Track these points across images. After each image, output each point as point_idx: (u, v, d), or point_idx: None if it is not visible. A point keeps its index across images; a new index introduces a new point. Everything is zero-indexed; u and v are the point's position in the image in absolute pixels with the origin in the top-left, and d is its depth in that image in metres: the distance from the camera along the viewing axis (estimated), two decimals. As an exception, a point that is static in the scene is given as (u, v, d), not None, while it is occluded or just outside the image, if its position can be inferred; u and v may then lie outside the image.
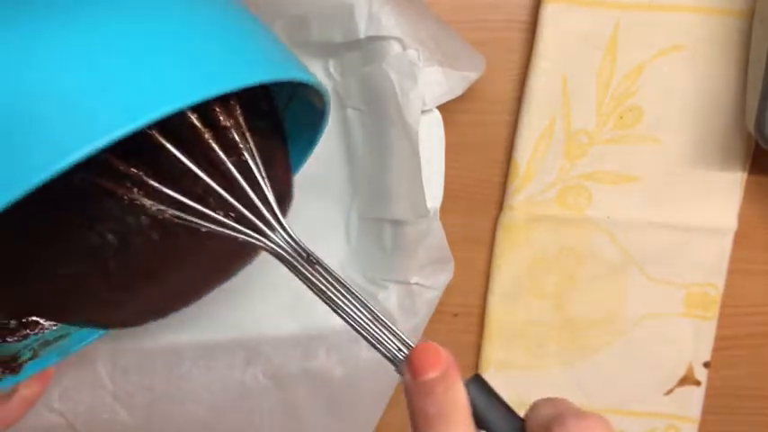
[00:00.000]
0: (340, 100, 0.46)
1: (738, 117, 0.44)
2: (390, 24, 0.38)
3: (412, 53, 0.38)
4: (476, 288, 0.49)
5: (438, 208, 0.42)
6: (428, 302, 0.43)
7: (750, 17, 0.43)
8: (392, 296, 0.43)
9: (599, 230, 0.47)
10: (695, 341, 0.49)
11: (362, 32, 0.39)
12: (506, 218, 0.47)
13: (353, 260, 0.47)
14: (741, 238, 0.47)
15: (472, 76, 0.41)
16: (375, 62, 0.40)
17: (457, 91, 0.40)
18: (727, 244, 0.47)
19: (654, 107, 0.45)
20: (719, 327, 0.49)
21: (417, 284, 0.42)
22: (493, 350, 0.49)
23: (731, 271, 0.48)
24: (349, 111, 0.45)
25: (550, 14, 0.43)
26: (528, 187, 0.46)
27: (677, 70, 0.44)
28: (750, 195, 0.47)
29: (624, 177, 0.46)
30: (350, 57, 0.43)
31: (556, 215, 0.47)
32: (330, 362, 0.43)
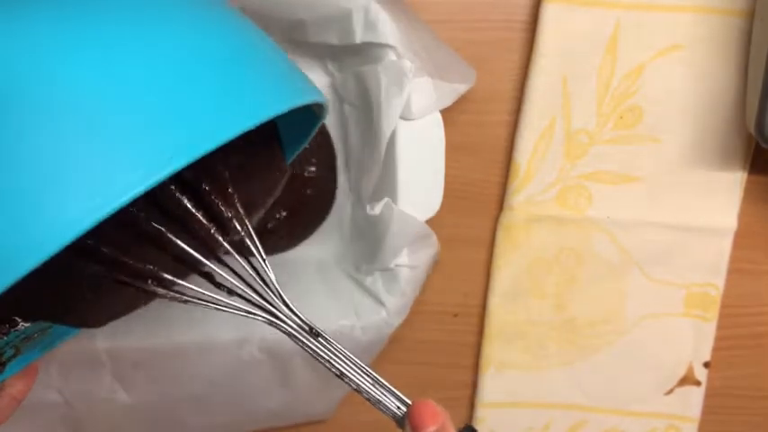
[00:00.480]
0: (338, 96, 0.46)
1: (738, 117, 0.44)
2: (386, 32, 0.39)
3: (406, 63, 0.39)
4: (476, 288, 0.49)
5: (438, 207, 0.42)
6: (412, 281, 0.43)
7: (750, 17, 0.43)
8: (378, 281, 0.44)
9: (599, 230, 0.47)
10: (695, 341, 0.49)
11: (359, 38, 0.40)
12: (506, 218, 0.47)
13: (347, 254, 0.48)
14: (741, 238, 0.47)
15: (462, 88, 0.41)
16: (370, 64, 0.41)
17: (445, 102, 0.41)
18: (727, 244, 0.47)
19: (654, 107, 0.45)
20: (720, 327, 0.49)
21: (397, 266, 0.43)
22: (493, 350, 0.49)
23: (731, 271, 0.48)
24: (346, 106, 0.45)
25: (550, 14, 0.43)
26: (528, 187, 0.46)
27: (677, 70, 0.44)
28: (750, 195, 0.47)
29: (624, 177, 0.46)
30: (347, 57, 0.43)
31: (556, 215, 0.47)
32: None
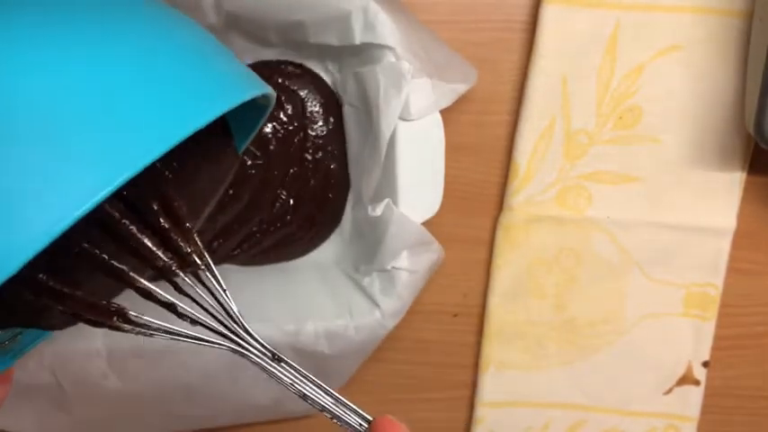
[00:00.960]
0: (338, 96, 0.46)
1: (738, 117, 0.44)
2: (385, 33, 0.39)
3: (404, 64, 0.39)
4: (476, 288, 0.49)
5: (438, 207, 0.42)
6: (410, 284, 0.43)
7: (749, 17, 0.43)
8: (375, 282, 0.43)
9: (599, 230, 0.47)
10: (694, 341, 0.49)
11: (358, 39, 0.40)
12: (506, 218, 0.47)
13: (347, 254, 0.48)
14: (740, 238, 0.47)
15: (461, 89, 0.41)
16: (370, 64, 0.41)
17: (444, 103, 0.41)
18: (726, 244, 0.47)
19: (653, 107, 0.45)
20: (719, 326, 0.49)
21: (395, 268, 0.43)
22: (493, 350, 0.49)
23: (730, 271, 0.48)
24: (346, 107, 0.45)
25: (550, 15, 0.43)
26: (528, 187, 0.46)
27: (677, 70, 0.44)
28: (749, 195, 0.47)
29: (624, 177, 0.46)
30: (347, 58, 0.43)
31: (556, 215, 0.47)
32: (319, 340, 0.44)
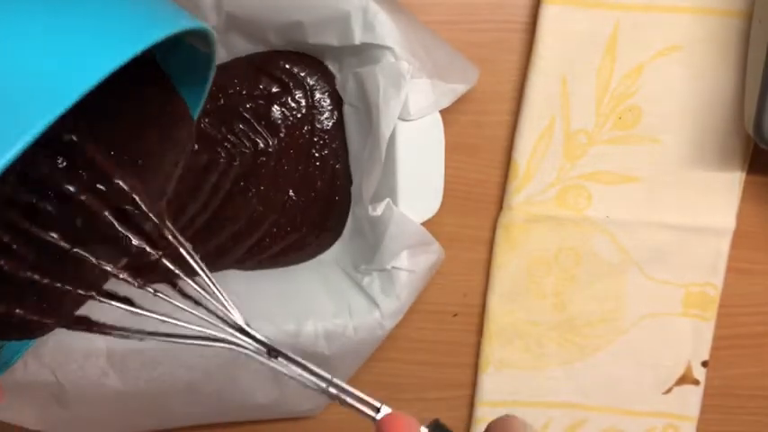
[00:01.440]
0: (338, 96, 0.46)
1: (737, 117, 0.44)
2: (384, 33, 0.39)
3: (403, 65, 0.39)
4: (476, 288, 0.49)
5: (438, 207, 0.42)
6: (409, 285, 0.43)
7: (748, 18, 0.43)
8: (375, 281, 0.44)
9: (599, 230, 0.47)
10: (694, 341, 0.49)
11: (358, 39, 0.40)
12: (506, 218, 0.47)
13: (346, 254, 0.48)
14: (740, 238, 0.47)
15: (461, 89, 0.41)
16: (369, 64, 0.41)
17: (444, 103, 0.41)
18: (725, 244, 0.47)
19: (653, 107, 0.45)
20: (718, 326, 0.49)
21: (394, 268, 0.43)
22: (493, 350, 0.49)
23: (730, 271, 0.48)
24: (346, 107, 0.45)
25: (550, 15, 0.43)
26: (527, 187, 0.46)
27: (676, 71, 0.44)
28: (749, 195, 0.47)
29: (624, 177, 0.46)
30: (347, 58, 0.43)
31: (555, 215, 0.47)
32: (318, 341, 0.44)
